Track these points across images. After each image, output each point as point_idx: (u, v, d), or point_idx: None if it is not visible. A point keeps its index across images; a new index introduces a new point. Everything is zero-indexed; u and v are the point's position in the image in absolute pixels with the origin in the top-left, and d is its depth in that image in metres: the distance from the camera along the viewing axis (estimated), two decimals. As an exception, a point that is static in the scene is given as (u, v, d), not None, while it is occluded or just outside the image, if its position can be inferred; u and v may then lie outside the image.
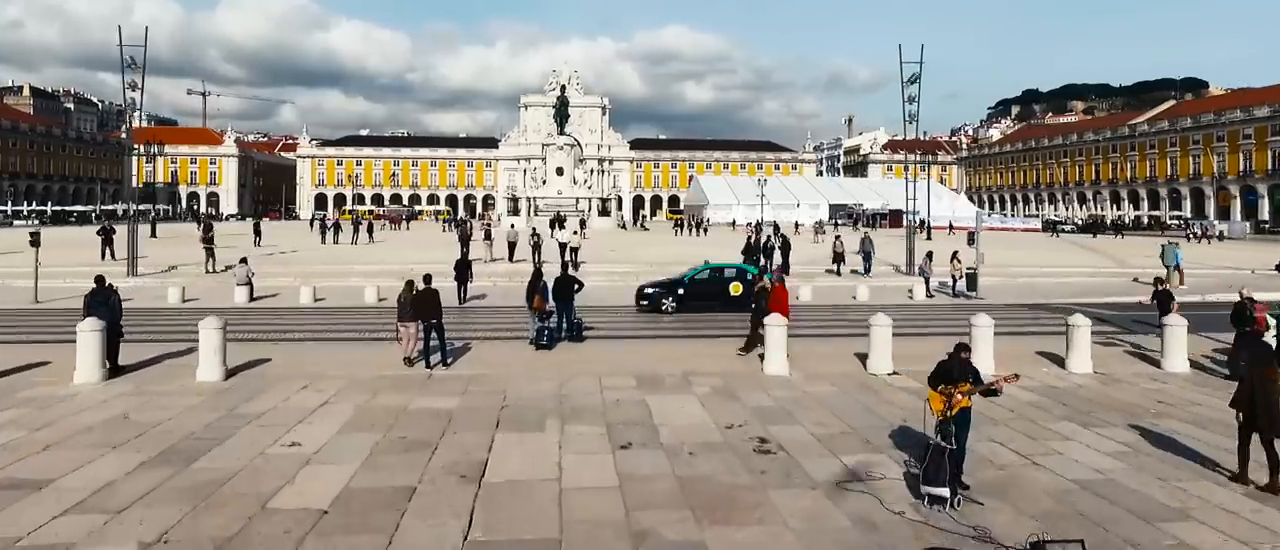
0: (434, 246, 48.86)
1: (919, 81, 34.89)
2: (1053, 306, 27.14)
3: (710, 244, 55.72)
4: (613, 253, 44.69)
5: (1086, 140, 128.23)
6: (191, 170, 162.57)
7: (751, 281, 25.03)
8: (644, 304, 26.10)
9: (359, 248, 50.30)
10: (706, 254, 40.56)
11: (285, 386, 14.73)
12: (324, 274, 33.60)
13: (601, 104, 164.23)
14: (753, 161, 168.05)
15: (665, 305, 25.80)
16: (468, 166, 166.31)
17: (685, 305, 25.64)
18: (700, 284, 26.60)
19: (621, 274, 34.59)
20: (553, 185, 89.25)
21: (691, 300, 25.73)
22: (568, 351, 18.30)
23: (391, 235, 67.62)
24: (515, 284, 31.60)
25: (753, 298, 18.39)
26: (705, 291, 26.24)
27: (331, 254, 43.40)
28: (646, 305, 26.02)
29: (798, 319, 22.34)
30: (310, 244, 52.86)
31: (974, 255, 29.19)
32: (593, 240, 60.16)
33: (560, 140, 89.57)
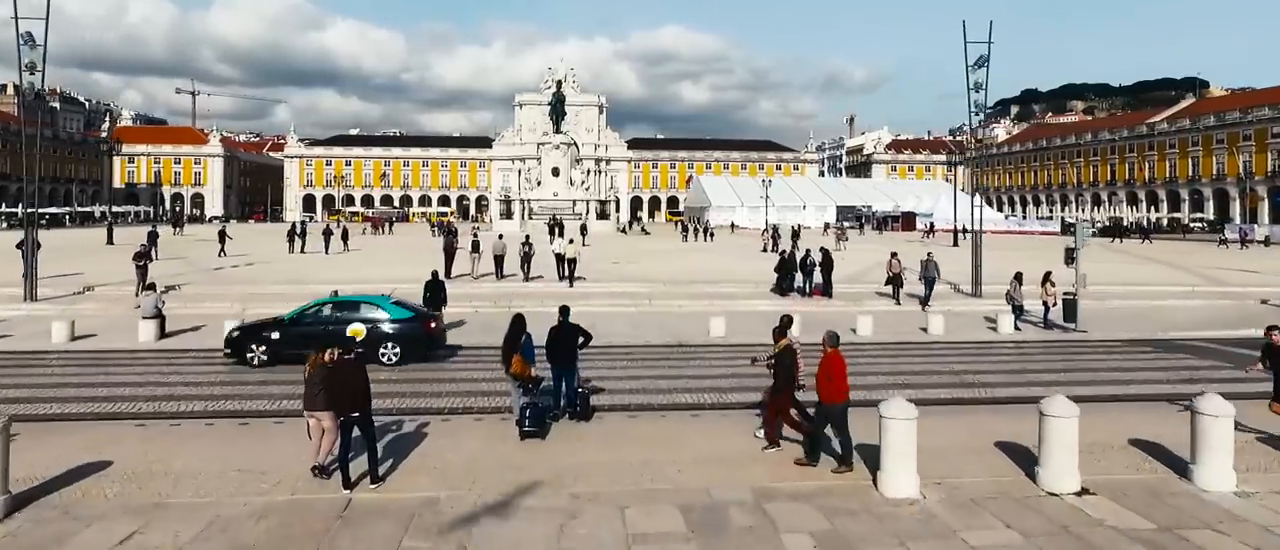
0: (413, 257, 42.72)
1: (987, 65, 28.88)
2: (1181, 345, 21.25)
3: (722, 251, 49.77)
4: (617, 265, 38.60)
5: (1101, 139, 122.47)
6: (176, 171, 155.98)
7: (412, 324, 19.09)
8: (227, 352, 18.90)
9: (330, 258, 44.22)
10: (725, 266, 34.91)
11: (98, 537, 8.67)
12: (272, 296, 27.48)
13: (598, 102, 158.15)
14: (753, 161, 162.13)
15: (252, 355, 18.41)
16: (461, 167, 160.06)
17: (283, 355, 18.10)
18: (307, 325, 18.71)
19: (632, 295, 28.53)
20: (548, 186, 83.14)
21: (291, 347, 17.90)
22: (569, 442, 12.23)
23: (371, 241, 61.47)
24: (501, 312, 25.54)
25: (773, 363, 12.19)
26: (311, 337, 16.90)
27: (294, 268, 37.29)
28: (230, 354, 18.82)
29: (868, 371, 16.40)
30: (280, 253, 46.74)
31: (1073, 276, 23.15)
32: (592, 247, 54.14)
33: (556, 139, 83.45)
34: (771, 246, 50.08)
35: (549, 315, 25.14)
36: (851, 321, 24.15)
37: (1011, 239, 77.12)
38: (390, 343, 18.70)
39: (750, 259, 43.81)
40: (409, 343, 18.90)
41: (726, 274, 34.90)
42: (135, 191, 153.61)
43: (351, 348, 10.60)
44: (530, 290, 29.28)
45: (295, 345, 17.82)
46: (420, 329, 19.31)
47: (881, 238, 79.51)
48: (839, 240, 52.34)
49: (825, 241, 53.68)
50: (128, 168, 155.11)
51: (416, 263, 38.27)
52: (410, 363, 18.51)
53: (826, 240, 55.48)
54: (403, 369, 18.16)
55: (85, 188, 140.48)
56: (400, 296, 21.68)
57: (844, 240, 52.47)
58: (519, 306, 26.05)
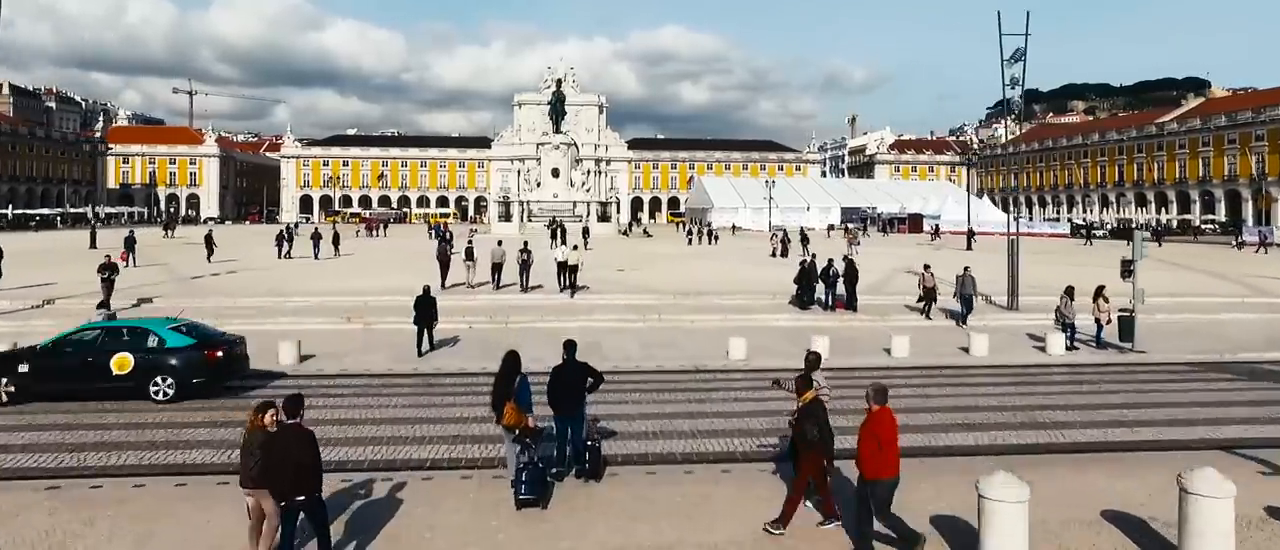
0: (406, 264, 40.40)
1: (1024, 59, 26.53)
2: (1259, 369, 18.93)
3: (729, 256, 47.36)
4: (621, 273, 36.24)
5: (1109, 139, 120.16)
6: (171, 171, 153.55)
7: (190, 353, 15.60)
8: None
9: (320, 264, 41.86)
10: (735, 274, 32.44)
11: None
12: (249, 311, 25.13)
13: (599, 102, 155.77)
14: (755, 162, 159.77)
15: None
16: (459, 167, 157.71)
17: (32, 390, 15.45)
18: (65, 356, 15.88)
19: (639, 308, 26.17)
20: (548, 188, 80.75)
21: (45, 381, 15.54)
22: (575, 513, 9.85)
23: (365, 245, 59.06)
24: (497, 329, 23.21)
25: (795, 420, 9.75)
26: (69, 370, 15.63)
27: (279, 276, 34.92)
28: None
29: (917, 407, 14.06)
30: (270, 259, 44.39)
31: (1131, 291, 20.75)
32: (594, 251, 51.78)
33: (556, 139, 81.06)
34: (780, 251, 47.72)
35: (549, 333, 22.87)
36: (881, 339, 21.85)
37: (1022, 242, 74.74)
38: (163, 376, 15.56)
39: (760, 265, 41.48)
40: (186, 375, 15.65)
41: (738, 283, 32.57)
42: (130, 192, 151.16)
43: (269, 411, 8.06)
44: (529, 303, 26.95)
45: (49, 379, 15.32)
46: (200, 358, 15.84)
47: (887, 240, 77.11)
48: (852, 244, 49.93)
49: (836, 245, 51.36)
50: (122, 168, 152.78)
51: (410, 269, 36.00)
52: (190, 398, 15.50)
53: (833, 244, 52.99)
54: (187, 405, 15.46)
55: (78, 188, 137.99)
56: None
57: (856, 244, 50.07)
58: (518, 323, 23.90)
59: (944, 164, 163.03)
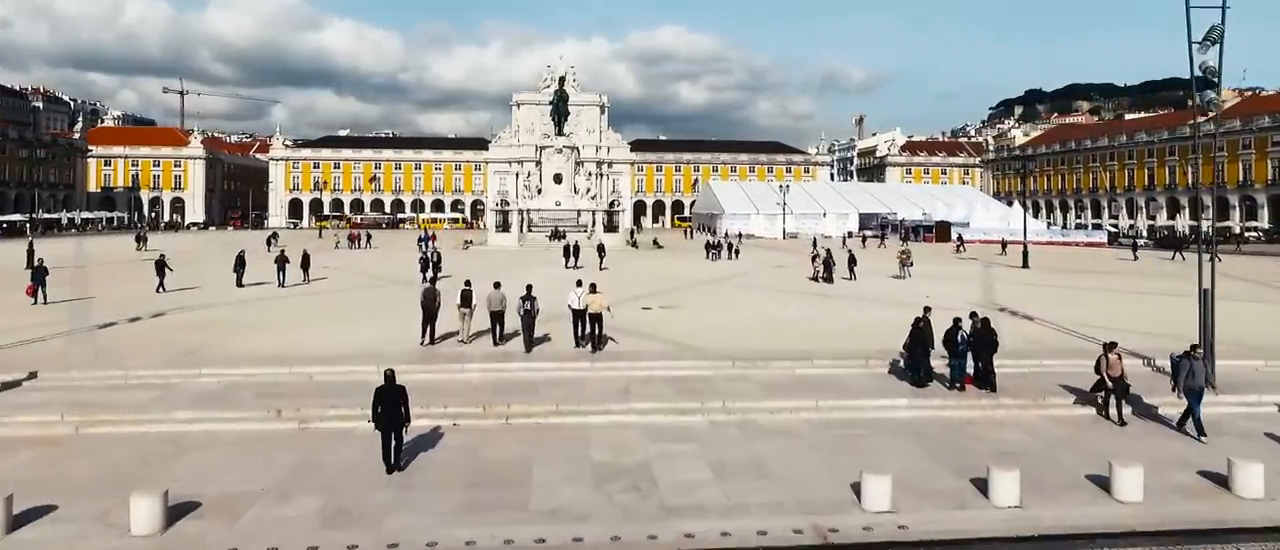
0: (384, 301, 32.91)
1: (1222, 42, 19.05)
2: None
3: (763, 278, 39.57)
4: (647, 312, 28.69)
5: (1138, 141, 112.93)
6: (155, 173, 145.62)
7: None
8: None
9: (282, 296, 34.34)
10: (790, 314, 23.34)
11: None
12: (132, 401, 17.55)
13: (600, 102, 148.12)
14: (762, 164, 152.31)
15: None
16: (455, 169, 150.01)
17: None
18: None
19: (689, 383, 18.63)
20: (550, 195, 73.25)
21: None
22: None
23: (344, 262, 51.40)
24: (494, 427, 15.60)
25: None
26: None
27: (216, 322, 27.38)
28: None
29: None
30: (224, 288, 36.89)
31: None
32: (609, 270, 44.24)
33: (558, 142, 73.51)
34: (824, 275, 40.22)
35: (565, 437, 15.33)
36: (1062, 451, 14.41)
37: (1063, 254, 67.40)
38: None
39: (811, 298, 33.98)
40: None
41: (802, 332, 25.08)
42: (112, 195, 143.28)
43: None
44: (538, 376, 19.36)
45: None
46: None
47: (916, 253, 68.96)
48: (904, 265, 42.38)
49: (870, 262, 43.87)
50: (103, 171, 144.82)
51: (387, 310, 28.45)
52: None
53: (867, 259, 45.68)
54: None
55: (56, 192, 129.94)
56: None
57: (909, 265, 42.46)
58: (523, 418, 16.30)
59: (957, 166, 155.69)
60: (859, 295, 34.77)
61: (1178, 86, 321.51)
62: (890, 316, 27.67)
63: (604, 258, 47.27)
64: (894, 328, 25.12)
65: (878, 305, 31.11)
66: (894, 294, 35.23)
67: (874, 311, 29.15)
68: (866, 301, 32.44)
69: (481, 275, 40.55)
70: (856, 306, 30.82)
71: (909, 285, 39.34)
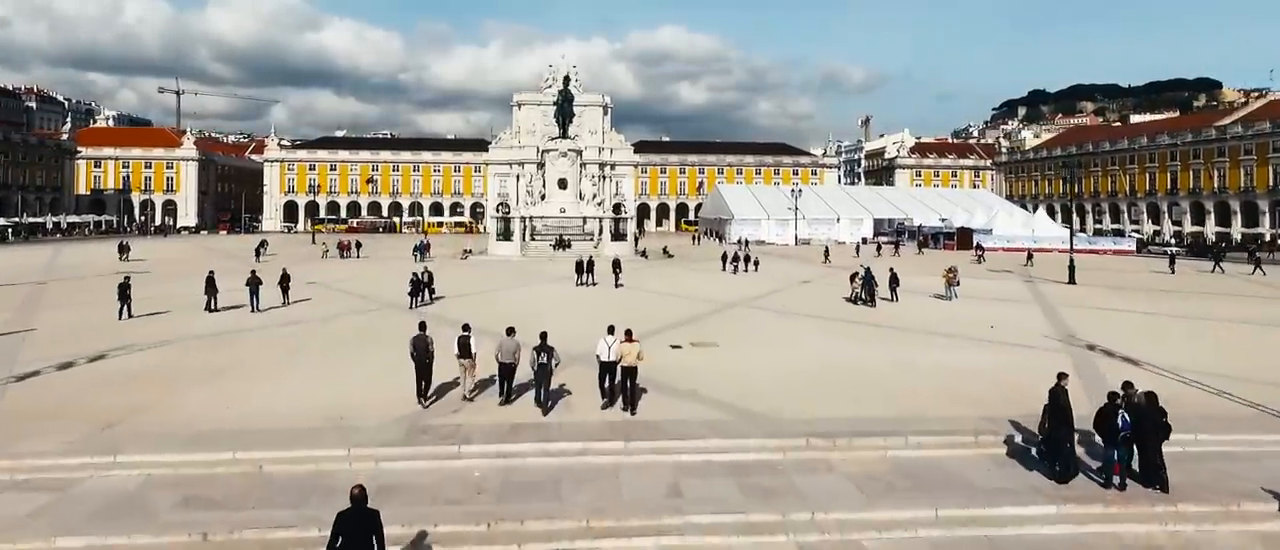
0: (369, 337, 28.32)
1: None
2: None
3: (793, 297, 34.67)
4: (677, 352, 24.07)
5: (1159, 144, 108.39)
6: (146, 175, 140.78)
7: None
8: None
9: (257, 325, 29.77)
10: (850, 352, 18.34)
11: None
12: (11, 517, 12.99)
13: (603, 103, 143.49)
14: (769, 166, 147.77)
15: None
16: (455, 171, 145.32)
17: None
18: None
19: (750, 464, 14.08)
20: (554, 201, 68.62)
21: None
22: None
23: (331, 278, 46.70)
24: None
25: None
26: None
27: (175, 361, 22.85)
28: None
29: None
30: (193, 316, 32.35)
31: None
32: (625, 288, 39.72)
33: (562, 146, 68.87)
34: (864, 296, 35.64)
35: None
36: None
37: (1096, 265, 62.82)
38: None
39: (861, 328, 29.35)
40: None
41: (875, 381, 20.51)
42: (102, 198, 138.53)
43: None
44: (557, 459, 14.79)
45: None
46: None
47: (940, 261, 63.71)
48: (950, 285, 37.73)
49: (897, 273, 39.31)
50: (93, 172, 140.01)
51: (375, 350, 23.78)
52: None
53: (896, 274, 41.09)
54: None
55: (43, 195, 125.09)
56: None
57: (956, 285, 37.79)
58: (541, 528, 11.88)
59: (967, 168, 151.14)
60: (916, 324, 30.20)
61: (1183, 87, 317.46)
62: (972, 360, 23.13)
63: (620, 274, 42.68)
64: (985, 377, 20.58)
65: (946, 341, 26.52)
66: (954, 322, 30.66)
67: (949, 352, 24.56)
68: (930, 335, 27.85)
69: (479, 299, 35.89)
70: (922, 343, 26.24)
71: (962, 309, 34.79)
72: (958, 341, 26.26)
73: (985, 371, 21.69)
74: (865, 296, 35.90)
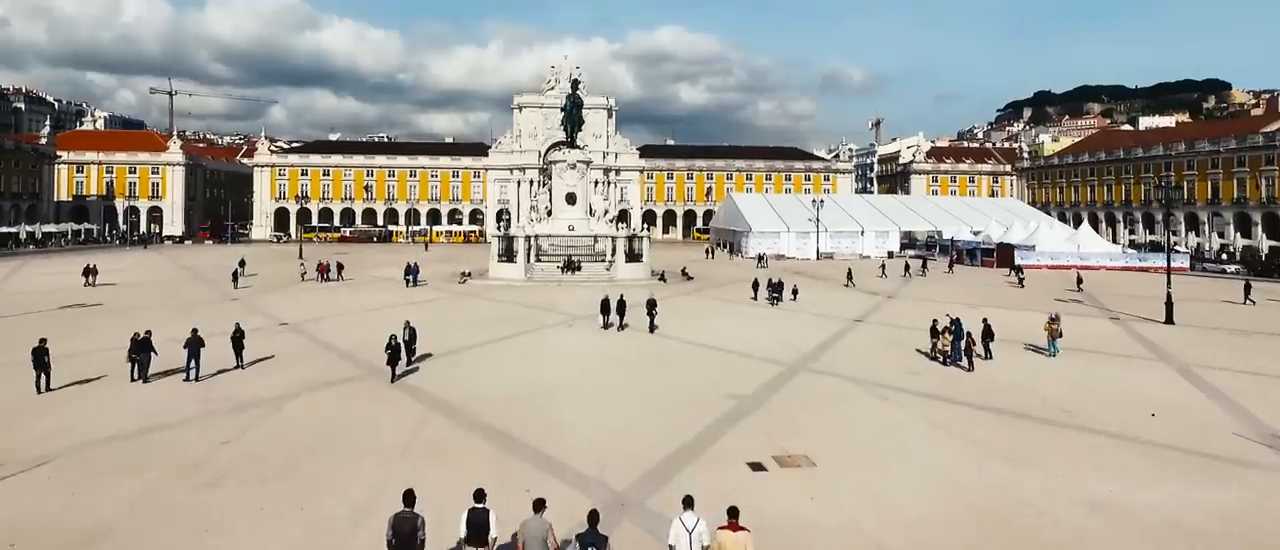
0: (343, 433, 21.15)
1: None
2: None
3: (858, 345, 27.20)
4: (764, 481, 16.94)
5: (1200, 150, 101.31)
6: (130, 181, 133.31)
7: None
8: None
9: (194, 400, 22.63)
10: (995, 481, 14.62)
11: None
12: None
13: (607, 105, 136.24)
14: (779, 171, 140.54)
15: None
16: (453, 176, 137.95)
17: None
18: None
19: None
20: (562, 217, 61.39)
21: None
22: None
23: (307, 307, 39.40)
24: None
25: None
26: None
27: (26, 513, 15.75)
28: None
29: None
30: (116, 382, 25.23)
31: None
32: (660, 335, 32.47)
33: (571, 156, 61.61)
34: (953, 354, 28.50)
35: None
36: None
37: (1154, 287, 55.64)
38: None
39: (996, 421, 22.10)
40: None
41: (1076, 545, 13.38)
42: (84, 205, 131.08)
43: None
44: None
45: None
46: None
47: (982, 284, 56.38)
48: (1054, 338, 30.54)
49: (991, 326, 32.10)
50: (76, 178, 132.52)
51: (334, 485, 16.22)
52: None
53: (990, 327, 33.93)
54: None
55: (19, 202, 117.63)
56: None
57: (1059, 338, 30.55)
58: None
59: (985, 174, 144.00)
60: (1046, 407, 23.01)
61: (1191, 88, 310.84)
62: (1193, 498, 15.58)
63: (655, 317, 35.42)
64: None
65: (1115, 447, 19.33)
66: (1089, 400, 23.47)
67: (1141, 477, 17.35)
68: (1082, 433, 20.67)
69: (476, 358, 26.43)
70: (1083, 450, 19.03)
71: (1078, 373, 27.63)
72: (1131, 449, 19.07)
73: (1236, 526, 14.44)
74: (954, 356, 28.73)
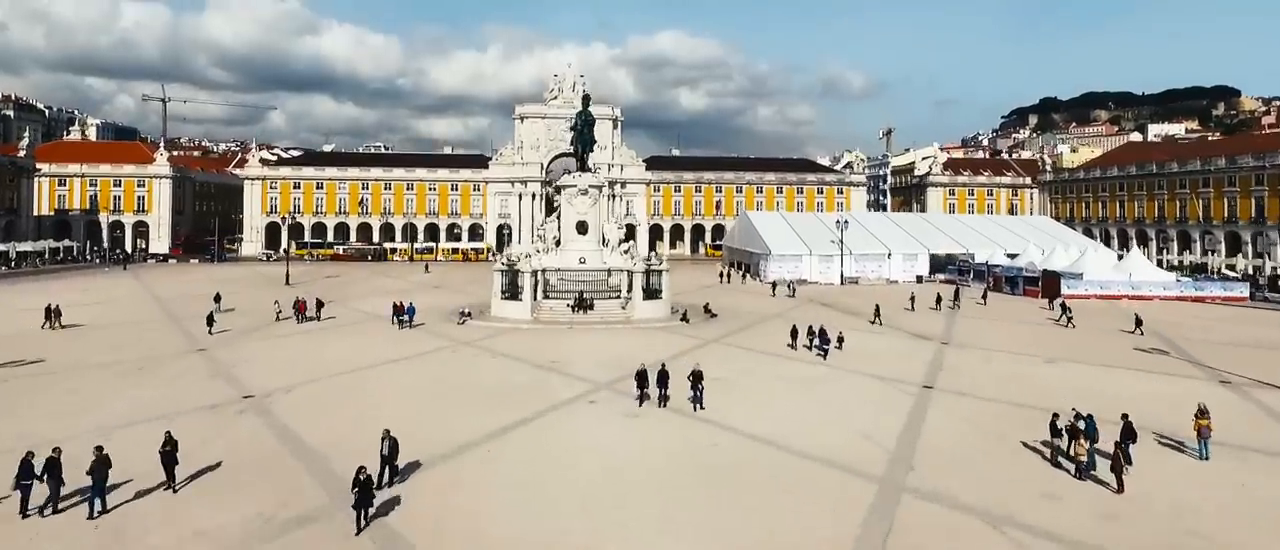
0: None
1: None
2: None
3: (992, 461, 20.48)
4: None
5: (1242, 166, 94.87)
6: (115, 194, 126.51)
7: None
8: None
9: (108, 538, 15.90)
10: None
11: None
12: None
13: (613, 115, 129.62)
14: (791, 184, 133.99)
15: None
16: (452, 190, 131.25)
17: None
18: None
19: None
20: (572, 249, 54.77)
21: None
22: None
23: (272, 372, 32.66)
24: None
25: None
26: None
27: None
28: None
29: None
30: None
31: None
32: (708, 410, 25.78)
33: (582, 181, 54.95)
34: (1077, 460, 21.95)
35: None
36: None
37: (1226, 324, 49.16)
38: None
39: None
40: None
41: None
42: (67, 220, 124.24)
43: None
44: None
45: None
46: None
47: (1015, 318, 48.63)
48: (1205, 425, 23.84)
49: (1133, 424, 25.41)
50: (57, 191, 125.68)
51: None
52: None
53: (1132, 426, 27.42)
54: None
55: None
56: None
57: (1209, 423, 23.79)
58: None
59: (1004, 187, 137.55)
60: None
61: (1200, 95, 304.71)
62: None
63: (700, 390, 28.80)
64: None
65: None
66: None
67: None
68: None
69: (473, 471, 19.10)
70: None
71: (1272, 490, 21.07)
72: None
73: None
74: (1090, 466, 22.17)
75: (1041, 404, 29.32)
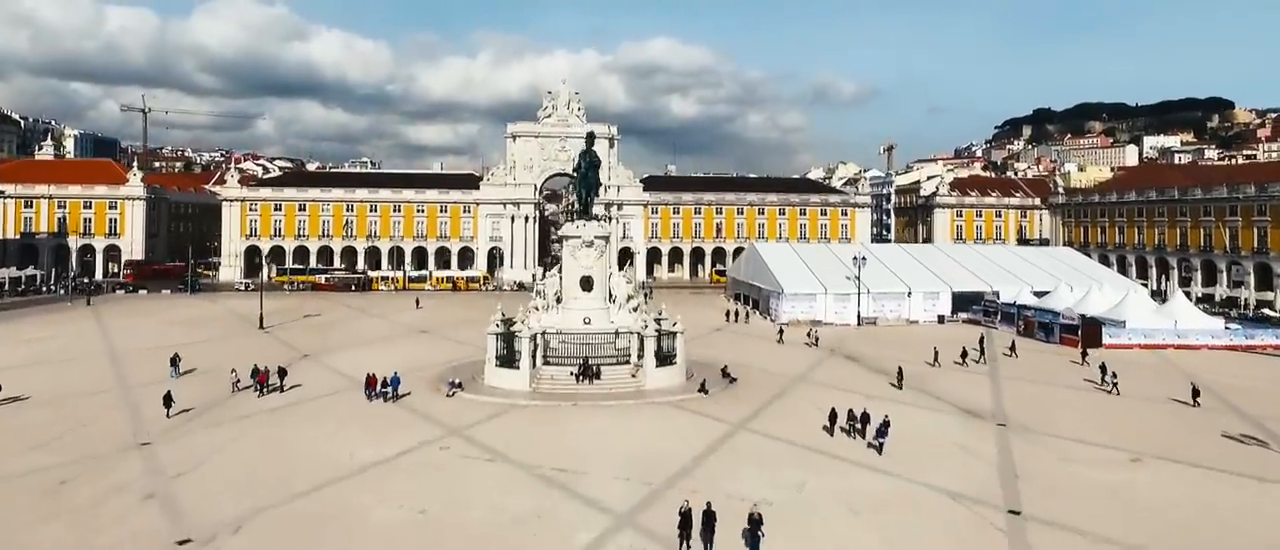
0: None
1: None
2: None
3: None
4: None
5: (1274, 195, 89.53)
6: (86, 216, 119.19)
7: None
8: None
9: None
10: None
11: None
12: None
13: (609, 134, 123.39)
14: (794, 205, 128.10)
15: None
16: (440, 211, 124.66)
17: None
18: None
19: None
20: (575, 308, 48.37)
21: None
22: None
23: (228, 483, 26.08)
24: None
25: None
26: None
27: None
28: None
29: None
30: None
31: None
32: None
33: (587, 231, 48.56)
34: None
35: None
36: None
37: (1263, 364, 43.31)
38: None
39: None
40: None
41: None
42: (34, 243, 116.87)
43: None
44: None
45: None
46: None
47: (1051, 380, 42.27)
48: None
49: None
50: (24, 213, 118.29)
51: None
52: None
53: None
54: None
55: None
56: None
57: None
58: None
59: (1013, 208, 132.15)
60: None
61: (1195, 106, 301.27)
62: None
63: (761, 539, 22.57)
64: None
65: None
66: None
67: None
68: None
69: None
70: None
71: None
72: None
73: None
74: None
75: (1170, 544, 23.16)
